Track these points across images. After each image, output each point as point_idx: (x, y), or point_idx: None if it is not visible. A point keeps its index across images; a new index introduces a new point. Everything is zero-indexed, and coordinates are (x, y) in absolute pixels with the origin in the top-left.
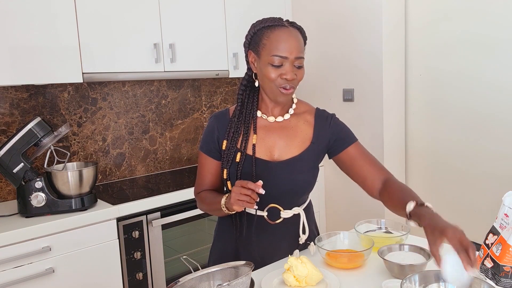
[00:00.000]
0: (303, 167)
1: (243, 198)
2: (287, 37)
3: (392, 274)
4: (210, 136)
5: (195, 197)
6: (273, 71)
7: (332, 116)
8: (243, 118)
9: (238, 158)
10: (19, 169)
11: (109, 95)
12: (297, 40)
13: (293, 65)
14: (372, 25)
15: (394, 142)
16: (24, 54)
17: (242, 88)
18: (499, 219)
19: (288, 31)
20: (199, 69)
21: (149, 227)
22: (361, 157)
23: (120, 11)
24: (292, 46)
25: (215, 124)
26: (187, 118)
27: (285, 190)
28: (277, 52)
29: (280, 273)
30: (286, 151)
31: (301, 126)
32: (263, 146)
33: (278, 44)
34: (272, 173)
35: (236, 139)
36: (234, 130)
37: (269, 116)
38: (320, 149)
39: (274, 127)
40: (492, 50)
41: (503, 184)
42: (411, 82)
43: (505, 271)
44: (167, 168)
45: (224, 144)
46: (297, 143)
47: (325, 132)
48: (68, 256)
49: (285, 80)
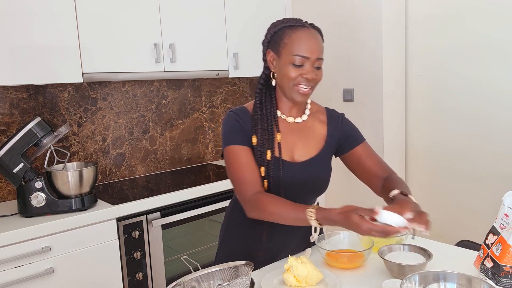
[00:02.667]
0: (321, 166)
1: (378, 230)
2: (308, 37)
3: (392, 274)
4: (238, 128)
5: (248, 203)
6: (293, 71)
7: (343, 115)
8: (265, 116)
9: (269, 156)
10: (19, 169)
11: (109, 95)
12: (318, 41)
13: (313, 66)
14: (372, 25)
15: (394, 142)
16: (24, 54)
17: (259, 87)
18: (499, 219)
19: (309, 31)
20: (199, 69)
21: (149, 227)
22: (369, 157)
23: (120, 11)
24: (313, 46)
25: (237, 118)
26: (187, 118)
27: (305, 190)
28: (299, 52)
29: (280, 273)
30: (305, 152)
31: (316, 126)
32: (285, 147)
33: (300, 44)
34: (293, 174)
35: (264, 136)
36: (260, 127)
37: (288, 116)
38: (332, 147)
39: (294, 128)
40: (492, 50)
41: (503, 184)
42: (411, 82)
43: (505, 271)
44: (167, 168)
45: (254, 140)
46: (314, 144)
47: (337, 131)
48: (68, 256)
49: (305, 79)
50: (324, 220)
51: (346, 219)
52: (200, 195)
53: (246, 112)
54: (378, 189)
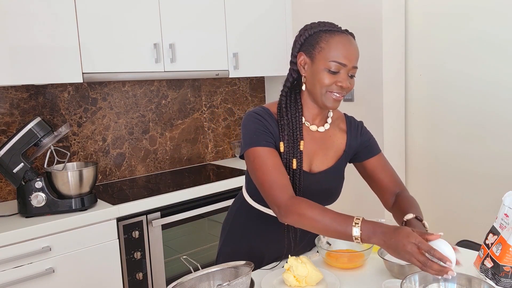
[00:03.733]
0: (336, 177)
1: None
2: (348, 44)
3: (392, 274)
4: (263, 130)
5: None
6: (328, 77)
7: (362, 124)
8: (291, 122)
9: (294, 165)
10: (19, 169)
11: (109, 95)
12: (356, 49)
13: (347, 74)
14: (372, 25)
15: (394, 142)
16: (24, 54)
17: (286, 90)
18: (499, 219)
19: (348, 38)
20: (199, 69)
21: (149, 227)
22: (383, 169)
23: (120, 11)
24: (352, 54)
25: (262, 119)
26: (187, 118)
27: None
28: (336, 58)
29: (280, 273)
30: (323, 162)
31: (337, 135)
32: (305, 157)
33: (338, 51)
34: (309, 184)
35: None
36: (287, 134)
37: (312, 124)
38: (349, 156)
39: (316, 137)
40: (493, 50)
41: (503, 184)
42: (411, 82)
43: (505, 271)
44: (167, 168)
45: (281, 147)
46: (332, 154)
47: (356, 140)
48: (68, 256)
49: (340, 87)
50: (369, 239)
51: (399, 247)
52: (200, 195)
53: (270, 114)
54: (388, 204)
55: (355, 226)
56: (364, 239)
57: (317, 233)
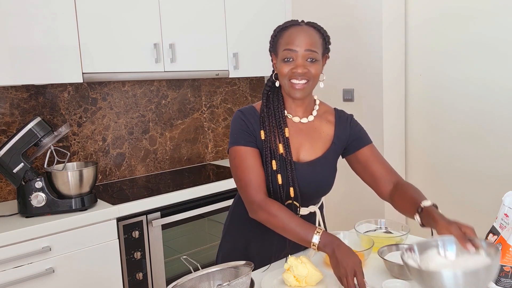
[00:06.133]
0: (326, 167)
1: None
2: (297, 32)
3: (392, 274)
4: (244, 129)
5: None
6: (285, 66)
7: (352, 116)
8: (272, 113)
9: (281, 149)
10: (19, 169)
11: (109, 95)
12: (307, 35)
13: (305, 60)
14: (372, 25)
15: (394, 142)
16: (24, 54)
17: (267, 89)
18: (499, 219)
19: (300, 28)
20: (199, 69)
21: (149, 227)
22: (375, 159)
23: (120, 11)
24: (301, 40)
25: (245, 118)
26: (187, 118)
27: (308, 190)
28: (287, 46)
29: (280, 273)
30: (311, 152)
31: (324, 127)
32: (291, 147)
33: (289, 39)
34: (297, 174)
35: (273, 131)
36: (268, 123)
37: (294, 116)
38: (339, 148)
39: (300, 128)
40: (492, 50)
41: (503, 184)
42: (411, 82)
43: (505, 271)
44: (167, 168)
45: (262, 134)
46: (320, 144)
47: (345, 132)
48: (68, 256)
49: (297, 73)
50: (323, 247)
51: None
52: (200, 195)
53: (253, 111)
54: (385, 193)
55: (316, 234)
56: (320, 247)
57: (279, 232)
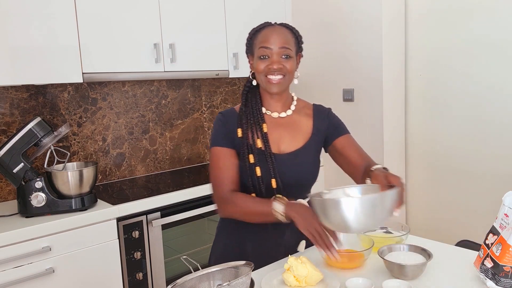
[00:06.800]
0: (307, 158)
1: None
2: (271, 31)
3: (392, 274)
4: (222, 130)
5: (221, 199)
6: (261, 63)
7: (329, 110)
8: (250, 111)
9: (259, 144)
10: (19, 169)
11: (109, 95)
12: (281, 34)
13: (280, 56)
14: (372, 25)
15: (394, 142)
16: (24, 54)
17: (246, 89)
18: (499, 219)
19: (273, 28)
20: (199, 69)
21: (149, 227)
22: (351, 147)
23: (120, 11)
24: (275, 38)
25: (224, 119)
26: (187, 118)
27: (292, 181)
28: (261, 44)
29: (280, 273)
30: (291, 143)
31: (302, 120)
32: (271, 141)
33: (264, 39)
34: (279, 165)
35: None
36: (245, 121)
37: (273, 112)
38: (319, 140)
39: (279, 122)
40: (492, 50)
41: (503, 184)
42: (411, 82)
43: (505, 271)
44: (167, 168)
45: (239, 132)
46: (300, 136)
47: (323, 123)
48: (68, 256)
49: (273, 69)
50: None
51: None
52: (200, 195)
53: (233, 112)
54: (359, 178)
55: (275, 201)
56: (286, 212)
57: (249, 220)
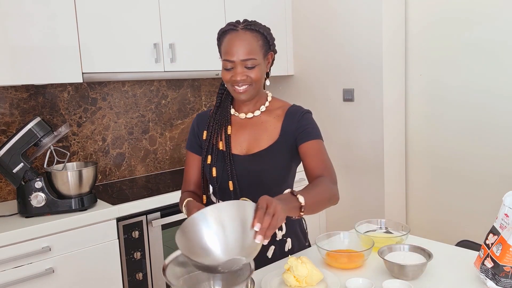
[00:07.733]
0: (270, 160)
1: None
2: (233, 41)
3: (392, 274)
4: (192, 134)
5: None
6: (226, 74)
7: (305, 112)
8: (220, 114)
9: (221, 146)
10: (19, 169)
11: (109, 95)
12: (244, 43)
13: (243, 67)
14: (372, 26)
15: (394, 142)
16: (24, 54)
17: (221, 91)
18: (499, 219)
19: (236, 35)
20: (199, 69)
21: (149, 227)
22: (314, 155)
23: (120, 11)
24: (238, 49)
25: (196, 122)
26: (187, 118)
27: (254, 183)
28: (225, 57)
29: (280, 273)
30: (255, 145)
31: (271, 121)
32: (235, 141)
33: (226, 49)
34: (241, 166)
35: (215, 131)
36: (212, 124)
37: (240, 113)
38: (289, 143)
39: (245, 123)
40: (492, 52)
41: (503, 184)
42: (411, 82)
43: (505, 271)
44: (167, 168)
45: (204, 135)
46: (265, 138)
47: (292, 126)
48: (68, 256)
49: (237, 81)
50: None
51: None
52: None
53: (206, 114)
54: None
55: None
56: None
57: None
